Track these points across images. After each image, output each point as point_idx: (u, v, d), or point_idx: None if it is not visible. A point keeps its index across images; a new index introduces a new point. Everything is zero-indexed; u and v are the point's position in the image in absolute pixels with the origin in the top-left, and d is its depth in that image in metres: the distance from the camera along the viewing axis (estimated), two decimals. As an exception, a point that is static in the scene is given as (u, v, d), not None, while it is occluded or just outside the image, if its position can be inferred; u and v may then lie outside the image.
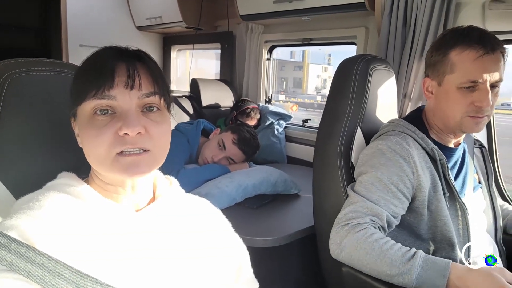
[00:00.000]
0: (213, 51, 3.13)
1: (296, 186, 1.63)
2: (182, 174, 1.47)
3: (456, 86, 0.96)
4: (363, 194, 0.97)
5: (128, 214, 0.61)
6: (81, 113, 0.59)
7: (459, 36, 0.96)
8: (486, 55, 0.91)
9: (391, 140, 1.01)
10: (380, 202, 0.95)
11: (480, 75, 0.92)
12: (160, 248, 0.62)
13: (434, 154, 1.00)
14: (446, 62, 0.97)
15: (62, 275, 0.48)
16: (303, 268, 1.52)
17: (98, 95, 0.56)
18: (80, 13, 2.77)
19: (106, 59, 0.59)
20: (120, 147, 0.56)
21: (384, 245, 0.86)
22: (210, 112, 2.50)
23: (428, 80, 1.04)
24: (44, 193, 0.58)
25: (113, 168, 0.57)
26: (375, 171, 0.98)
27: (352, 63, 1.15)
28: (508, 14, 1.34)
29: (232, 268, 0.74)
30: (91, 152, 0.58)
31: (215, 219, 0.76)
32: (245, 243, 0.79)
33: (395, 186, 0.96)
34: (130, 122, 0.56)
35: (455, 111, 0.97)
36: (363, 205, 0.95)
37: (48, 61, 0.74)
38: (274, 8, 2.03)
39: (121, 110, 0.57)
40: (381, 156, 0.99)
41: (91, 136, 0.57)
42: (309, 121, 2.37)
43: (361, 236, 0.88)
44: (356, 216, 0.93)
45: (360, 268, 0.90)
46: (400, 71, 1.56)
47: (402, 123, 1.06)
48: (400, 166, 0.97)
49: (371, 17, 1.76)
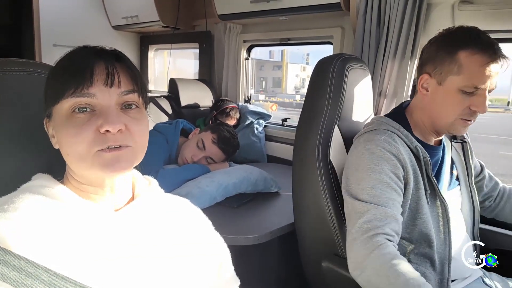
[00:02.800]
0: (192, 50, 3.11)
1: (276, 184, 1.65)
2: (162, 175, 1.45)
3: (458, 89, 0.94)
4: (370, 200, 0.92)
5: (107, 214, 0.61)
6: (58, 112, 0.58)
7: (470, 37, 0.94)
8: (493, 62, 0.91)
9: (379, 139, 0.99)
10: (389, 204, 0.91)
11: (484, 81, 0.92)
12: (140, 247, 0.61)
13: (418, 152, 1.00)
14: (453, 62, 0.94)
15: (40, 278, 0.47)
16: (284, 264, 1.54)
17: (76, 93, 0.55)
18: (54, 11, 2.70)
19: (84, 57, 0.58)
20: (101, 144, 0.56)
21: (410, 279, 0.78)
22: (189, 112, 2.48)
23: (427, 77, 1.01)
24: (19, 195, 0.57)
25: (94, 164, 0.56)
26: (372, 173, 0.95)
27: (329, 63, 1.17)
28: (477, 15, 1.40)
29: (213, 266, 0.74)
30: (70, 150, 0.57)
31: (194, 217, 0.76)
32: (226, 242, 0.79)
33: (395, 183, 0.95)
34: (111, 119, 0.56)
35: (450, 112, 0.97)
36: (376, 212, 0.90)
37: (20, 61, 0.72)
38: (252, 8, 2.04)
39: (101, 108, 0.57)
40: (373, 156, 0.97)
41: (71, 135, 0.56)
42: (288, 120, 2.40)
43: (386, 260, 0.82)
44: (373, 227, 0.87)
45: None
46: (375, 69, 1.60)
47: (385, 121, 1.05)
48: (393, 163, 0.96)
49: (347, 17, 1.79)
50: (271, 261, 1.51)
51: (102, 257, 0.56)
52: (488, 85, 0.93)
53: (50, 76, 0.60)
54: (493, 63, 0.91)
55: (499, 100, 19.81)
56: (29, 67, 0.72)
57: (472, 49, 0.92)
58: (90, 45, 0.61)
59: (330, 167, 1.11)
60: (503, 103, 18.47)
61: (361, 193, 0.94)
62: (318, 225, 1.10)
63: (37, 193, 0.58)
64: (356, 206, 0.94)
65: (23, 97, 0.70)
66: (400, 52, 1.52)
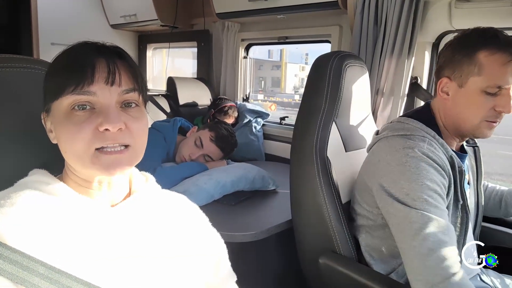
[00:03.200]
0: (190, 49, 3.11)
1: (274, 182, 1.65)
2: (159, 172, 1.46)
3: (481, 90, 0.91)
4: (427, 210, 0.85)
5: (103, 209, 0.61)
6: (57, 108, 0.57)
7: (488, 37, 0.92)
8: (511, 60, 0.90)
9: (421, 146, 0.92)
10: (444, 215, 0.86)
11: (507, 80, 0.90)
12: (136, 242, 0.61)
13: (453, 161, 0.95)
14: (473, 63, 0.92)
15: (36, 271, 0.48)
16: (281, 261, 1.54)
17: (77, 91, 0.55)
18: (52, 10, 2.70)
19: (85, 54, 0.58)
20: (100, 142, 0.55)
21: None
22: (187, 110, 2.48)
23: (446, 81, 0.98)
24: (15, 190, 0.57)
25: (92, 165, 0.56)
26: (421, 180, 0.87)
27: (327, 60, 1.17)
28: (473, 13, 1.40)
29: (210, 262, 0.74)
30: (68, 148, 0.57)
31: (192, 213, 0.76)
32: (224, 238, 0.79)
33: (444, 194, 0.90)
34: (111, 118, 0.55)
35: (474, 115, 0.94)
36: (437, 224, 0.83)
37: (18, 58, 0.72)
38: (250, 6, 2.04)
39: (101, 106, 0.56)
40: (420, 163, 0.89)
41: (69, 132, 0.56)
42: (286, 118, 2.40)
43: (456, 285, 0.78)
44: (440, 241, 0.81)
45: None
46: (373, 67, 1.60)
47: (420, 126, 0.99)
48: (441, 172, 0.91)
49: (344, 15, 1.80)
50: (269, 257, 1.52)
51: (98, 252, 0.56)
52: (511, 83, 0.91)
53: (50, 71, 0.60)
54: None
55: (498, 99, 19.81)
56: (28, 64, 0.72)
57: (491, 49, 0.90)
58: (91, 41, 0.61)
59: (327, 164, 1.11)
60: (502, 102, 18.47)
61: (413, 203, 0.87)
62: (315, 222, 1.10)
63: (33, 188, 0.58)
64: (412, 215, 0.86)
65: (22, 93, 0.70)
66: (398, 50, 1.53)
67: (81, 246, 0.55)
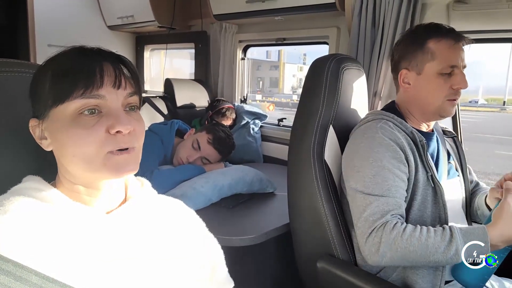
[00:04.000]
0: (188, 50, 3.10)
1: (272, 185, 1.65)
2: (157, 175, 1.45)
3: (437, 72, 1.03)
4: (372, 191, 0.95)
5: (98, 216, 0.60)
6: (61, 113, 0.56)
7: (432, 29, 1.06)
8: (456, 43, 1.03)
9: (375, 126, 1.03)
10: (391, 192, 0.94)
11: (456, 60, 1.02)
12: (132, 249, 0.61)
13: (414, 136, 1.03)
14: (425, 51, 1.04)
15: (30, 281, 0.47)
16: (279, 265, 1.54)
17: (86, 95, 0.55)
18: (49, 11, 2.68)
19: (91, 58, 0.58)
20: (112, 145, 0.56)
21: (421, 237, 0.87)
22: (185, 112, 2.47)
23: (405, 72, 1.09)
24: (8, 197, 0.56)
25: (104, 167, 0.56)
26: (374, 161, 0.97)
27: (324, 63, 1.17)
28: (471, 15, 1.40)
29: (206, 267, 0.74)
30: (77, 152, 0.56)
31: (188, 219, 0.75)
32: (221, 243, 0.79)
33: (397, 168, 0.97)
34: (123, 121, 0.56)
35: (436, 96, 1.04)
36: (378, 203, 0.93)
37: (14, 62, 0.71)
38: (247, 8, 2.04)
39: (108, 109, 0.57)
40: (372, 144, 1.00)
41: (79, 136, 0.55)
42: (284, 120, 2.40)
43: (395, 236, 0.88)
44: (376, 218, 0.92)
45: (407, 264, 0.91)
46: (370, 70, 1.60)
47: (379, 112, 1.10)
48: (393, 148, 0.99)
49: (342, 17, 1.79)
50: (267, 262, 1.51)
51: (93, 260, 0.55)
52: (460, 63, 1.03)
53: (47, 76, 0.58)
54: (458, 43, 1.03)
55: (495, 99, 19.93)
56: (23, 68, 0.72)
57: (437, 37, 1.04)
58: (86, 46, 0.61)
59: (325, 167, 1.11)
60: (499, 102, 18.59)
61: (362, 183, 0.97)
62: (313, 225, 1.10)
63: (27, 195, 0.58)
64: (358, 198, 0.97)
65: (17, 97, 0.69)
66: (395, 52, 1.52)
67: (75, 254, 0.54)
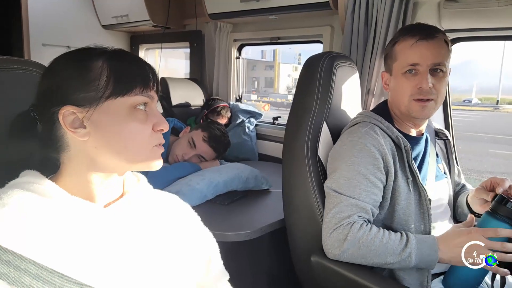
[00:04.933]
0: (182, 50, 3.10)
1: (267, 182, 1.66)
2: (152, 173, 1.45)
3: (401, 72, 1.05)
4: (344, 192, 0.99)
5: (96, 209, 0.61)
6: (118, 105, 0.59)
7: (402, 30, 1.11)
8: (421, 40, 1.01)
9: (360, 131, 1.05)
10: (362, 196, 0.98)
11: (417, 58, 1.02)
12: (129, 242, 0.62)
13: (399, 141, 1.05)
14: (392, 53, 1.09)
15: (28, 271, 0.48)
16: (274, 259, 1.55)
17: (144, 92, 0.61)
18: (43, 10, 2.67)
19: (143, 63, 0.63)
20: (157, 140, 0.63)
21: (383, 239, 0.93)
22: (180, 111, 2.48)
23: (384, 74, 1.14)
24: (7, 191, 0.57)
25: (148, 159, 0.63)
26: (351, 164, 1.01)
27: (317, 60, 1.18)
28: (462, 13, 1.42)
29: (202, 261, 0.75)
30: (129, 144, 0.61)
31: (183, 213, 0.77)
32: (217, 238, 0.80)
33: (372, 175, 1.00)
34: (165, 120, 0.64)
35: (402, 95, 1.06)
36: (347, 203, 0.97)
37: (10, 59, 0.72)
38: (242, 7, 2.05)
39: (151, 109, 0.63)
40: (353, 149, 1.02)
41: (135, 129, 0.60)
42: (279, 118, 2.41)
43: (361, 235, 0.93)
44: (344, 217, 0.96)
45: (362, 263, 0.95)
46: (363, 68, 1.62)
47: (369, 114, 1.12)
48: (373, 154, 1.01)
49: (336, 16, 1.81)
50: (262, 257, 1.52)
51: (90, 252, 0.56)
52: (424, 61, 1.01)
53: (104, 69, 0.59)
54: (421, 41, 1.01)
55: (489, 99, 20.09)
56: (20, 65, 0.72)
57: (399, 38, 1.07)
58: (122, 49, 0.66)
59: (318, 164, 1.12)
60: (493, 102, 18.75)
61: (336, 183, 1.01)
62: (308, 221, 1.11)
63: (25, 189, 0.58)
64: (331, 196, 1.01)
65: (15, 94, 0.70)
66: (388, 50, 1.54)
67: (73, 246, 0.55)
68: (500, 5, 1.29)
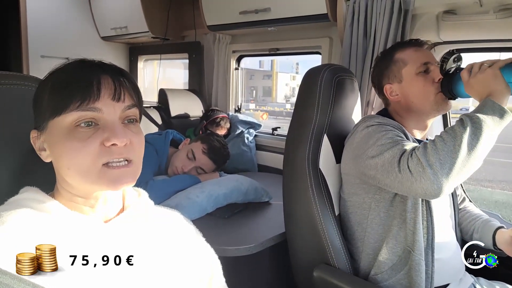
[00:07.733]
0: (181, 61, 3.11)
1: (267, 194, 1.65)
2: (152, 186, 1.45)
3: (415, 73, 1.09)
4: (390, 144, 0.96)
5: (96, 225, 0.60)
6: (58, 125, 0.57)
7: (395, 45, 1.19)
8: (420, 47, 1.13)
9: (375, 119, 1.06)
10: (404, 140, 0.98)
11: (426, 58, 1.10)
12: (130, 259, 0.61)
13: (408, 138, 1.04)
14: (396, 61, 1.13)
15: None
16: (275, 274, 1.53)
17: (82, 107, 0.56)
18: (41, 22, 2.69)
19: (89, 70, 0.59)
20: (106, 157, 0.56)
21: (442, 133, 0.88)
22: (179, 122, 2.48)
23: (389, 86, 1.15)
24: (6, 208, 0.56)
25: (99, 180, 0.57)
26: (385, 131, 0.99)
27: (317, 72, 1.18)
28: (460, 25, 1.44)
29: (203, 278, 0.74)
30: (73, 163, 0.57)
31: (185, 229, 0.75)
32: (217, 253, 0.79)
33: (401, 138, 0.99)
34: (118, 133, 0.57)
35: (426, 92, 1.07)
36: (399, 146, 0.94)
37: (7, 74, 0.71)
38: (241, 19, 2.06)
39: (105, 122, 0.58)
40: (378, 127, 1.02)
41: (75, 148, 0.56)
42: (278, 129, 2.41)
43: (423, 148, 0.87)
44: (401, 153, 0.91)
45: (458, 161, 0.86)
46: (363, 79, 1.62)
47: (374, 115, 1.14)
48: (397, 132, 1.01)
49: (334, 27, 1.82)
50: (263, 271, 1.50)
51: (90, 269, 0.55)
52: (431, 60, 1.10)
53: (46, 88, 0.59)
54: (421, 47, 1.13)
55: (485, 107, 20.16)
56: (17, 80, 0.71)
57: (400, 48, 1.14)
58: (88, 58, 0.62)
59: (320, 176, 1.12)
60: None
61: (375, 150, 0.97)
62: (309, 234, 1.10)
63: (25, 206, 0.58)
64: (380, 157, 0.95)
65: (11, 110, 0.69)
66: (387, 62, 1.55)
67: (73, 263, 0.54)
68: (498, 18, 1.30)
